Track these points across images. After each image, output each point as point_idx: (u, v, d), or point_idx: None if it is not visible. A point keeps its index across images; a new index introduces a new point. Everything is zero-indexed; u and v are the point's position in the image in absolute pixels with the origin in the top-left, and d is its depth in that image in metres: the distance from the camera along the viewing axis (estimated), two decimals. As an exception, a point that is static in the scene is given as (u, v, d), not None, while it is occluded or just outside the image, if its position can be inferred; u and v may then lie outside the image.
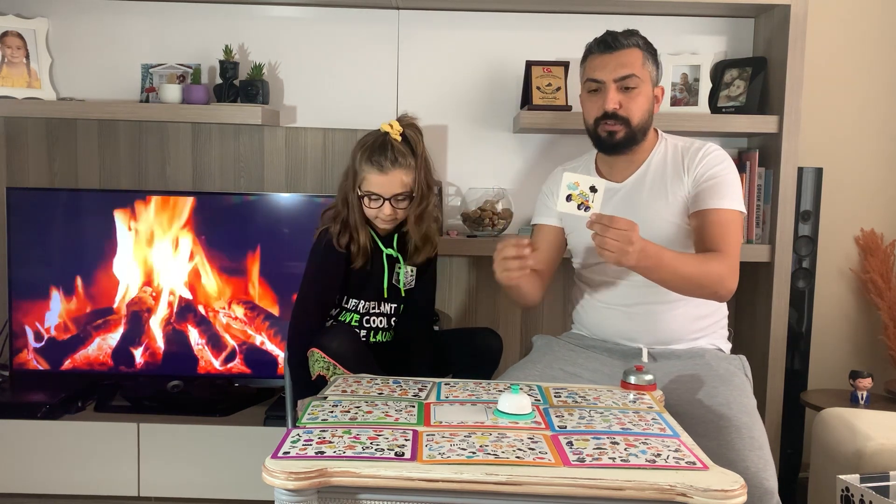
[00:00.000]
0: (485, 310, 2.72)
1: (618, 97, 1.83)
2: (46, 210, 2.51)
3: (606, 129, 1.85)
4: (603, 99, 1.84)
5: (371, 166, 1.91)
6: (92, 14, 2.63)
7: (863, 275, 2.68)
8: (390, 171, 1.91)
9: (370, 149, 1.93)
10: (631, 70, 1.82)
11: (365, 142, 1.96)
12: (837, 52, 2.69)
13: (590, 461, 1.21)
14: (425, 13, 2.62)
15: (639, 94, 1.84)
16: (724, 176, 1.84)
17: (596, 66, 1.86)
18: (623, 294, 1.90)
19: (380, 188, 1.92)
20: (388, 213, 1.94)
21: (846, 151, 2.71)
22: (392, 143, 1.93)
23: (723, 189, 1.82)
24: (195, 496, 2.38)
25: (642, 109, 1.85)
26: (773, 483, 1.53)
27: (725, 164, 1.86)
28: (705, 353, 1.87)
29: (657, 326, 1.88)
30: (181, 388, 2.52)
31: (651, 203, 1.87)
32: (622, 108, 1.83)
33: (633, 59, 1.83)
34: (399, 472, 1.16)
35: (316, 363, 1.83)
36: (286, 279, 2.50)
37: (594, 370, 1.88)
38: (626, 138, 1.85)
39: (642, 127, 1.86)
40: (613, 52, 1.83)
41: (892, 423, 2.02)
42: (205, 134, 2.68)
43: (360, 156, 1.94)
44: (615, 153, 1.90)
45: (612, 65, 1.83)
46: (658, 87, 1.91)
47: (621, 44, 1.83)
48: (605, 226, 1.58)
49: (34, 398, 2.43)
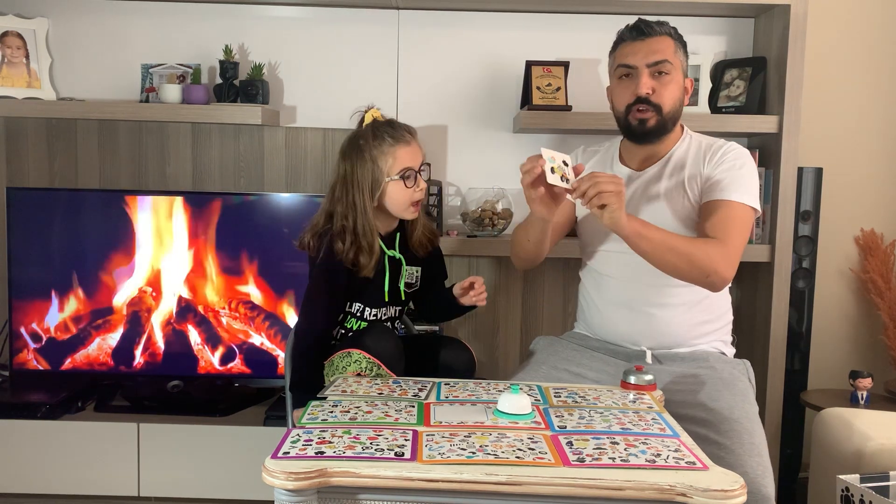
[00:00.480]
0: (484, 310, 2.72)
1: (651, 82, 1.82)
2: (46, 210, 2.51)
3: (638, 117, 1.85)
4: (636, 84, 1.83)
5: (396, 144, 1.84)
6: (92, 14, 2.63)
7: (863, 275, 2.68)
8: (413, 141, 1.88)
9: (382, 132, 1.86)
10: (664, 56, 1.82)
11: (360, 136, 1.87)
12: (837, 52, 2.69)
13: (590, 461, 1.21)
14: (425, 13, 2.62)
15: (671, 80, 1.83)
16: (740, 171, 1.82)
17: (628, 53, 1.85)
18: (627, 295, 1.90)
19: (412, 160, 1.86)
20: (424, 186, 1.89)
21: (846, 151, 2.71)
22: (390, 120, 1.91)
23: (735, 182, 1.80)
24: (195, 496, 2.38)
25: (674, 97, 1.84)
26: (771, 490, 1.53)
27: (743, 160, 1.84)
28: (709, 356, 1.87)
29: (660, 329, 1.87)
30: (181, 388, 2.52)
31: (667, 195, 1.87)
32: (655, 93, 1.82)
33: (666, 45, 1.83)
34: (399, 472, 1.16)
35: (355, 363, 1.76)
36: (286, 279, 2.50)
37: (598, 370, 1.88)
38: (657, 126, 1.85)
39: (673, 116, 1.86)
40: (646, 38, 1.83)
41: (892, 423, 2.02)
42: (205, 134, 2.68)
43: (375, 144, 1.84)
44: (645, 142, 1.89)
45: (644, 50, 1.83)
46: (688, 78, 1.90)
47: (654, 31, 1.83)
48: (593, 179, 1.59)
49: (34, 398, 2.43)
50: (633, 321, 1.90)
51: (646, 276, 1.84)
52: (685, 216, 1.86)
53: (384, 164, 1.84)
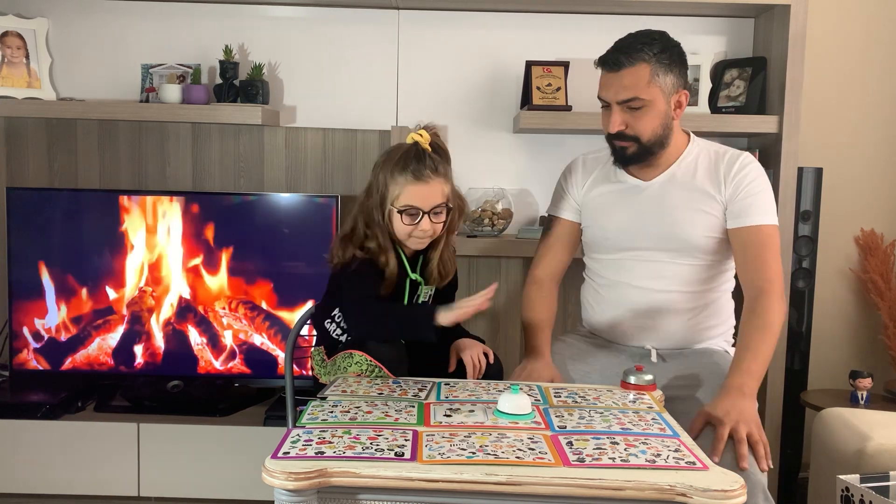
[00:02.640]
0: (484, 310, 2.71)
1: (622, 118, 1.79)
2: (46, 210, 2.51)
3: (617, 145, 1.84)
4: (609, 119, 1.81)
5: (409, 177, 1.74)
6: (92, 14, 2.63)
7: (863, 275, 2.68)
8: (431, 181, 1.75)
9: (404, 159, 1.75)
10: (633, 93, 1.76)
11: (393, 154, 1.79)
12: (837, 52, 2.69)
13: (590, 461, 1.21)
14: (425, 13, 2.62)
15: (645, 113, 1.78)
16: (763, 191, 1.82)
17: (603, 84, 1.82)
18: (634, 299, 1.89)
19: (420, 201, 1.75)
20: (427, 227, 1.77)
21: (846, 151, 2.71)
22: (426, 151, 1.77)
23: (762, 205, 1.80)
24: (195, 496, 2.38)
25: (651, 126, 1.79)
26: (763, 477, 1.53)
27: (762, 177, 1.84)
28: (713, 353, 1.88)
29: (667, 333, 1.88)
30: (181, 388, 2.52)
31: (682, 206, 1.84)
32: (628, 127, 1.80)
33: (638, 78, 1.75)
34: (399, 472, 1.16)
35: (356, 365, 1.75)
36: (286, 279, 2.50)
37: (603, 368, 1.89)
38: (638, 153, 1.82)
39: (656, 141, 1.81)
40: (617, 71, 1.77)
41: (892, 423, 2.02)
42: (205, 134, 2.68)
43: (393, 169, 1.76)
44: (631, 165, 1.88)
45: (615, 86, 1.78)
46: (680, 91, 1.82)
47: (624, 63, 1.75)
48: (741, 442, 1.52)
49: (34, 398, 2.43)
50: (638, 326, 1.90)
51: (651, 283, 1.86)
52: (702, 227, 1.83)
53: (392, 192, 1.77)
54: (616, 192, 1.91)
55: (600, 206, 1.94)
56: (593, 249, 1.99)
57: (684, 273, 1.85)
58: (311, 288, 1.93)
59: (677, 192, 1.85)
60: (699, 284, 1.87)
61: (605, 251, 1.94)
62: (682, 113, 1.86)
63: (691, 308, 1.87)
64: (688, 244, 1.83)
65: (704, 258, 1.85)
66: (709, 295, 1.88)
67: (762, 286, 1.75)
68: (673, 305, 1.86)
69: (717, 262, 1.87)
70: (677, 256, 1.85)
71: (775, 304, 1.74)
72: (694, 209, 1.83)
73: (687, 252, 1.84)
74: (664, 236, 1.84)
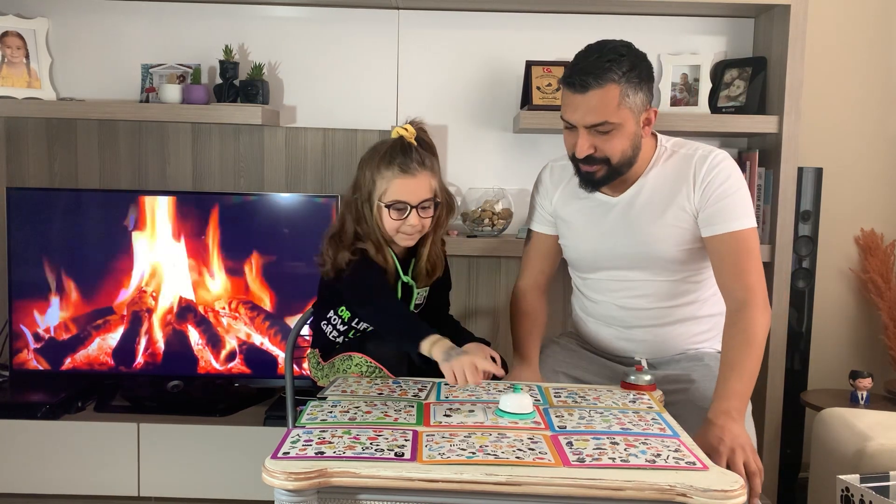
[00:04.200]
0: (484, 310, 2.72)
1: (590, 141, 1.69)
2: (46, 210, 2.51)
3: (584, 170, 1.74)
4: (574, 143, 1.70)
5: (396, 171, 1.71)
6: (92, 14, 2.63)
7: (863, 275, 2.68)
8: (418, 174, 1.72)
9: (390, 153, 1.73)
10: (602, 117, 1.65)
11: (378, 148, 1.77)
12: (837, 52, 2.69)
13: (590, 461, 1.21)
14: (425, 13, 2.62)
15: (614, 136, 1.68)
16: (736, 192, 1.72)
17: (567, 105, 1.70)
18: (621, 317, 1.87)
19: (407, 195, 1.72)
20: (415, 222, 1.74)
21: (846, 151, 2.71)
22: (411, 145, 1.75)
23: (736, 208, 1.71)
24: (195, 496, 2.38)
25: (621, 148, 1.70)
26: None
27: (734, 176, 1.74)
28: (704, 356, 1.86)
29: (657, 345, 1.86)
30: (181, 388, 2.52)
31: (653, 220, 1.77)
32: (597, 150, 1.70)
33: (607, 101, 1.65)
34: (399, 472, 1.17)
35: (356, 367, 1.74)
36: (286, 279, 2.50)
37: (595, 373, 1.89)
38: (607, 175, 1.74)
39: (625, 161, 1.73)
40: (584, 93, 1.65)
41: (892, 423, 2.02)
42: (205, 134, 2.68)
43: (379, 163, 1.73)
44: (599, 188, 1.79)
45: (582, 109, 1.67)
46: (649, 109, 1.72)
47: (592, 85, 1.64)
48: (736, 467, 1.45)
49: (34, 398, 2.43)
50: (628, 339, 1.88)
51: (633, 301, 1.84)
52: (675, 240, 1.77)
53: (379, 187, 1.74)
54: (586, 210, 1.85)
55: (572, 225, 1.88)
56: (573, 266, 1.97)
57: (664, 288, 1.81)
58: (312, 288, 1.93)
59: (647, 208, 1.78)
60: (683, 296, 1.83)
61: (584, 270, 1.92)
62: (650, 130, 1.76)
63: (678, 320, 1.84)
64: (662, 260, 1.78)
65: (683, 270, 1.80)
66: (695, 304, 1.85)
67: (743, 297, 1.67)
68: (658, 320, 1.84)
69: (698, 270, 1.82)
70: (655, 274, 1.80)
71: (758, 315, 1.65)
72: (664, 224, 1.76)
73: (663, 268, 1.79)
74: (638, 255, 1.79)
